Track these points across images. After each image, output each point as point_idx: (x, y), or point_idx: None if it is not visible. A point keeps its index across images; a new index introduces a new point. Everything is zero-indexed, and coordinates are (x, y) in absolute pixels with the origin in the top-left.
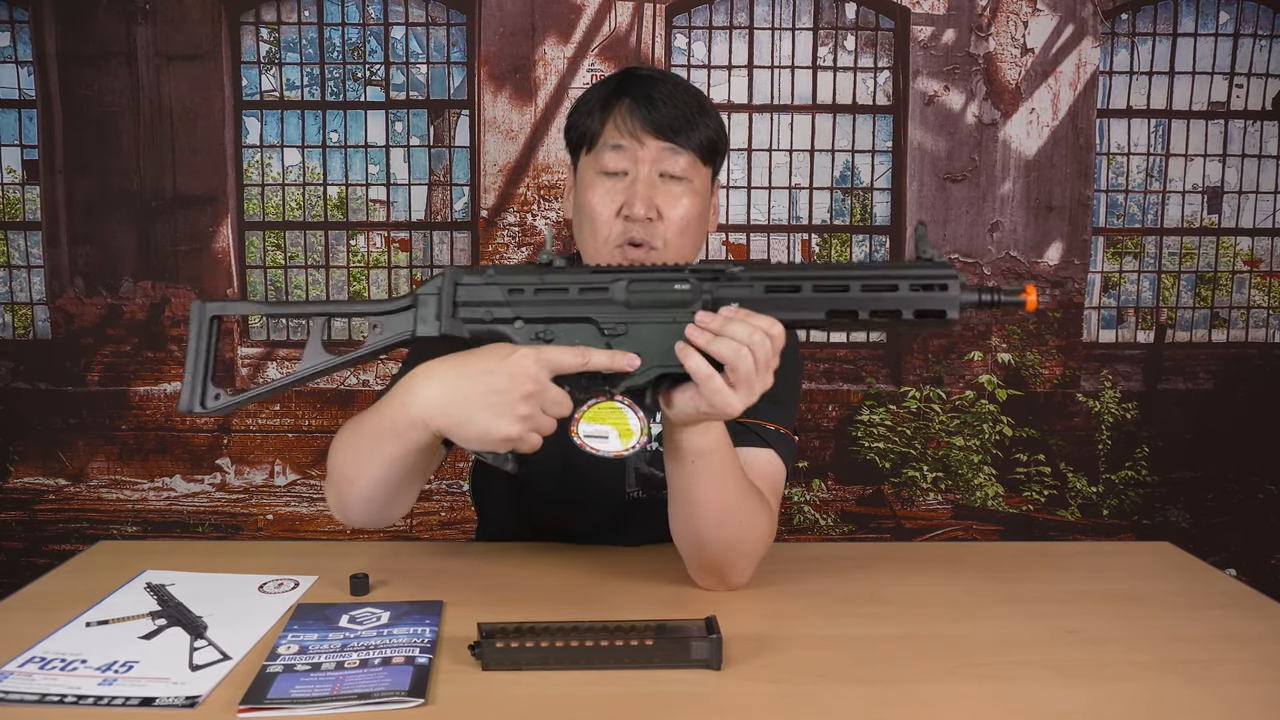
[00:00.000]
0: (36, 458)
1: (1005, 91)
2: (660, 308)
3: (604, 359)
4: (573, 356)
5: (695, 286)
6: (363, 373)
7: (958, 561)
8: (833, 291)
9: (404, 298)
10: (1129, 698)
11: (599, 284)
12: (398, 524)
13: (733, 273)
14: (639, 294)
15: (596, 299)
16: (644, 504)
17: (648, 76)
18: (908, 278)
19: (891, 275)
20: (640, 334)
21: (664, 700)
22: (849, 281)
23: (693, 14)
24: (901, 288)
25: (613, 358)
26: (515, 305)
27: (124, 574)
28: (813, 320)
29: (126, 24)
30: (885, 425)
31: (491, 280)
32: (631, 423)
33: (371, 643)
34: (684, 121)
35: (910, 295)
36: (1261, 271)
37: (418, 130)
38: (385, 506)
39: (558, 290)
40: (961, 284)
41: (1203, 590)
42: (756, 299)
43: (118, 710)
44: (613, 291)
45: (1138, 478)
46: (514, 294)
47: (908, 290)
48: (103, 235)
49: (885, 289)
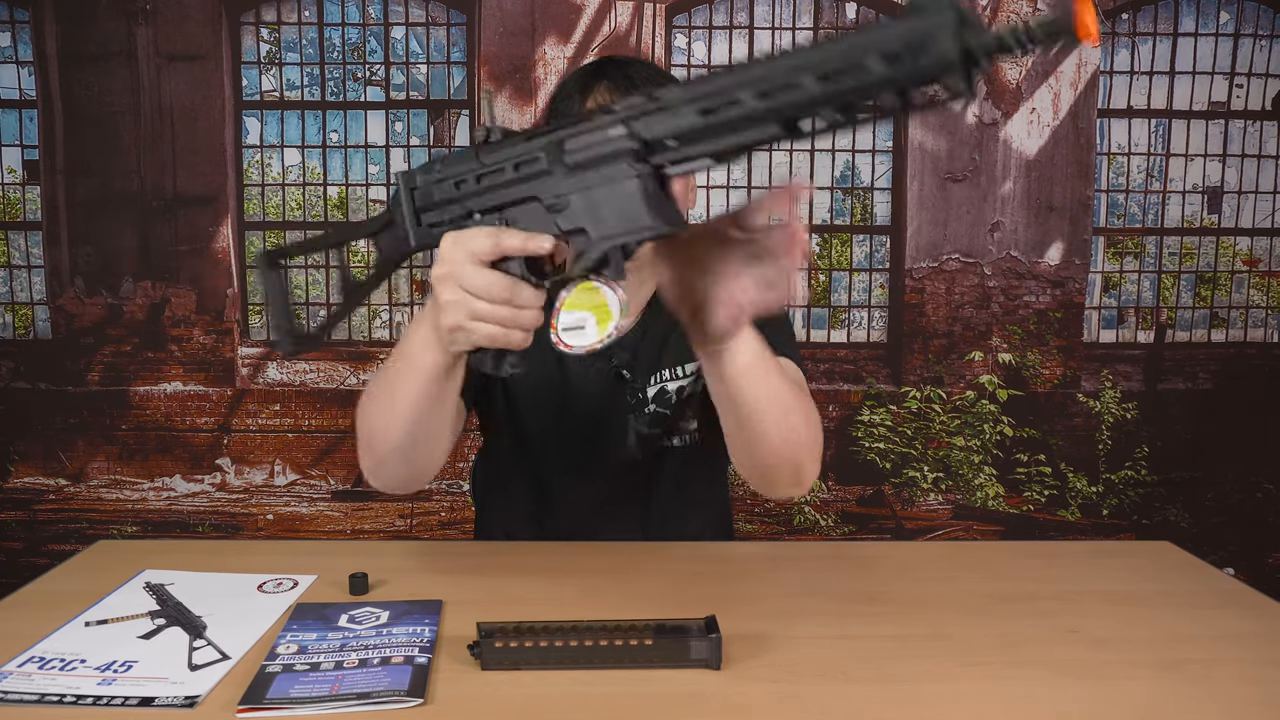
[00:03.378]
0: (36, 458)
1: (1006, 91)
2: (603, 164)
3: (516, 241)
4: (485, 238)
5: (631, 130)
6: (362, 372)
7: (958, 561)
8: (781, 94)
9: (382, 215)
10: (1129, 697)
11: (530, 155)
12: (397, 524)
13: (662, 99)
14: (575, 155)
15: (536, 172)
16: (648, 467)
17: (624, 60)
18: (874, 45)
19: (854, 47)
20: (590, 201)
21: (663, 700)
22: (799, 74)
23: (693, 14)
24: (870, 62)
25: (525, 240)
26: (465, 199)
27: (123, 574)
28: (771, 136)
29: (126, 24)
30: (885, 425)
31: (441, 176)
32: (610, 303)
33: (371, 642)
34: None
35: (886, 71)
36: (1260, 271)
37: (418, 130)
38: (417, 457)
39: (496, 172)
40: (958, 25)
41: (1203, 590)
42: (695, 128)
43: (117, 710)
44: (545, 160)
45: (1137, 477)
46: (462, 186)
47: (879, 64)
48: (103, 235)
49: (847, 71)
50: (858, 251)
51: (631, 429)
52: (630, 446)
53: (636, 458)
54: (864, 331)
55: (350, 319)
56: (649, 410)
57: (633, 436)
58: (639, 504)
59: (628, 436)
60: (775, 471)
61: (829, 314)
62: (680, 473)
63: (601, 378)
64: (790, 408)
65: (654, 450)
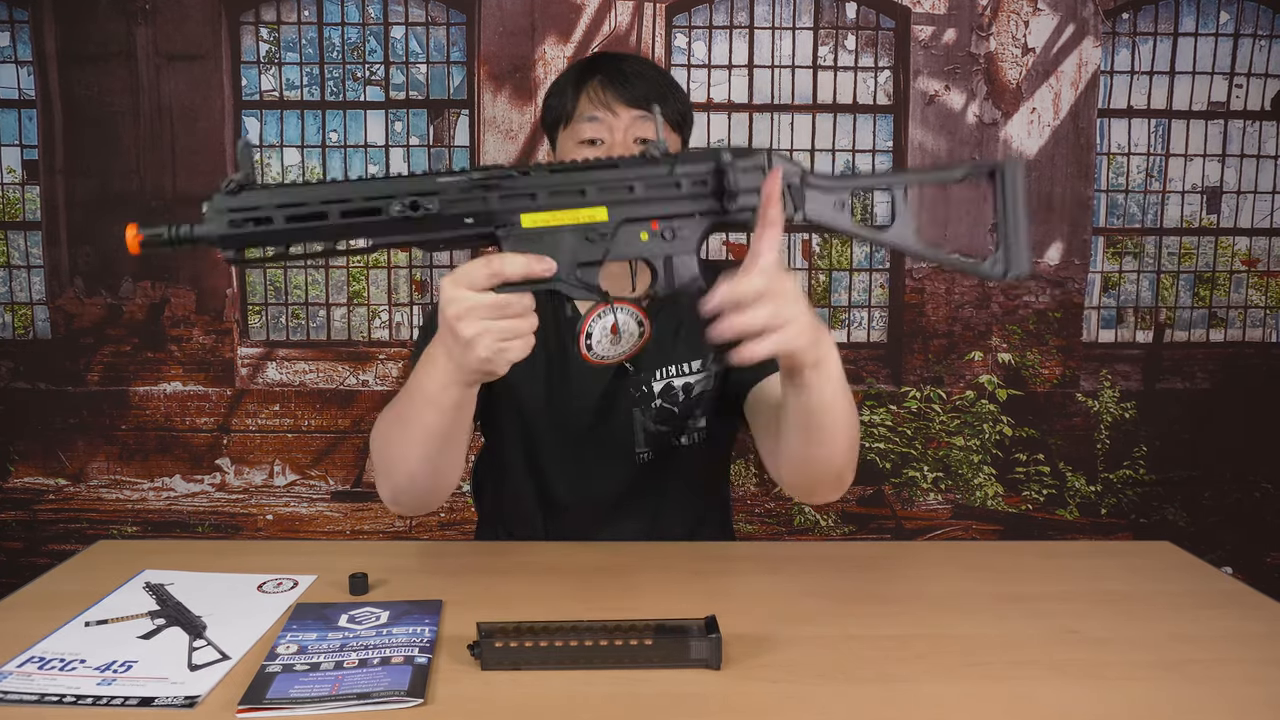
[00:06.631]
0: (36, 458)
1: (1006, 91)
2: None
3: (518, 268)
4: (481, 268)
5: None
6: (361, 372)
7: (958, 561)
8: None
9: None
10: (1129, 697)
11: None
12: (397, 524)
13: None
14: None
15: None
16: (654, 467)
17: (616, 55)
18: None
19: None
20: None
21: (663, 700)
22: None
23: (693, 14)
24: (684, 183)
25: (527, 265)
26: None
27: (123, 574)
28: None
29: (126, 24)
30: (885, 425)
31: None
32: (637, 322)
33: (370, 642)
34: (655, 92)
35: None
36: (1259, 271)
37: (418, 130)
38: (437, 484)
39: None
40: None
41: (1203, 590)
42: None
43: (117, 710)
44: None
45: (1136, 477)
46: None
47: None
48: (103, 235)
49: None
50: (858, 251)
51: (639, 425)
52: (640, 444)
53: (647, 457)
54: (864, 331)
55: (350, 319)
56: (655, 405)
57: (641, 434)
58: (644, 505)
59: (636, 434)
60: (823, 486)
61: (829, 314)
62: (687, 473)
63: (605, 370)
64: (854, 426)
65: (662, 450)
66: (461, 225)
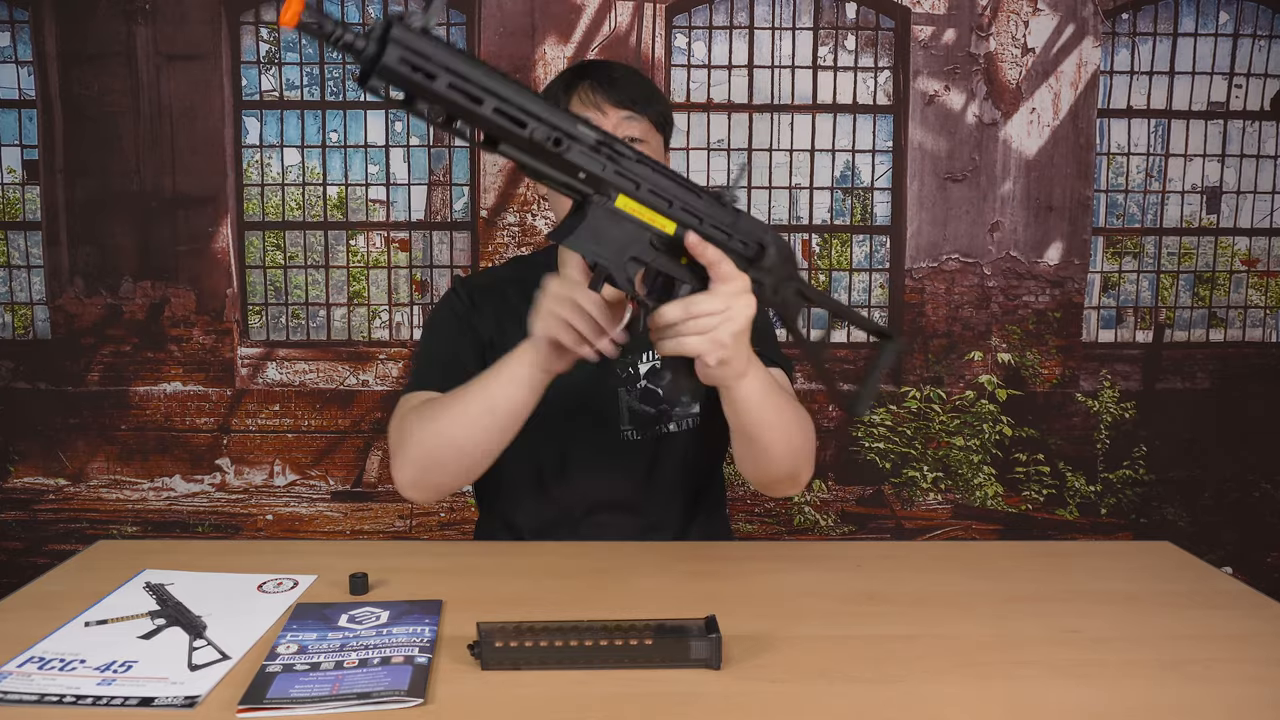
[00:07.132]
0: (36, 458)
1: (1006, 91)
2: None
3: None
4: (575, 270)
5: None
6: (362, 372)
7: (958, 561)
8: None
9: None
10: (1129, 697)
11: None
12: (397, 524)
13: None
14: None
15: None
16: (639, 446)
17: (604, 62)
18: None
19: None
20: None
21: (663, 700)
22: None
23: (693, 14)
24: (735, 237)
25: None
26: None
27: (123, 573)
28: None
29: (126, 24)
30: (885, 425)
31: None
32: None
33: (371, 642)
34: (641, 95)
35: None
36: (1259, 271)
37: (417, 130)
38: (476, 471)
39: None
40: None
41: (1203, 590)
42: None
43: (117, 710)
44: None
45: (1135, 477)
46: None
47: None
48: (103, 235)
49: None
50: (857, 251)
51: (624, 404)
52: (624, 422)
53: (633, 437)
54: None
55: (350, 319)
56: (640, 385)
57: (625, 412)
58: (638, 489)
59: (620, 412)
60: (778, 483)
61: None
62: (680, 458)
63: None
64: (790, 424)
65: (653, 434)
66: (574, 175)
